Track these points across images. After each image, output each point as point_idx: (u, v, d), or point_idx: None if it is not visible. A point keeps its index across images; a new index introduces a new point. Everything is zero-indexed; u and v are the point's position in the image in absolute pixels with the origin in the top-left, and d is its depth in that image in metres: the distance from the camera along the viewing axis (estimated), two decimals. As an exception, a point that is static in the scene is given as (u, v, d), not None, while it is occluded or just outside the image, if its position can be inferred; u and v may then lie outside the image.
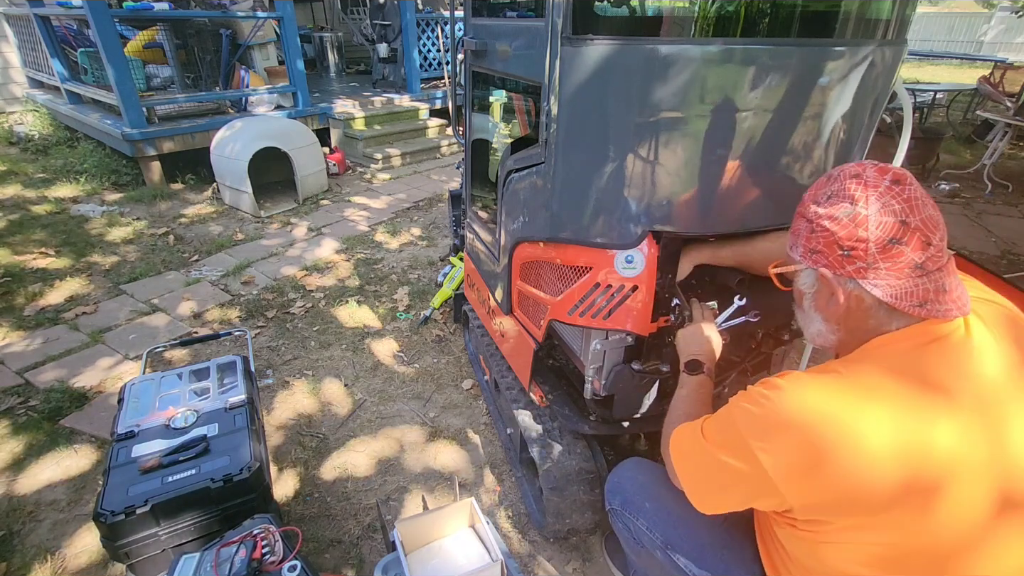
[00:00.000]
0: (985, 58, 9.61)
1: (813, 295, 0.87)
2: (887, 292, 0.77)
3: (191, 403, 1.62)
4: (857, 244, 0.77)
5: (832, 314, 0.85)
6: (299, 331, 2.78)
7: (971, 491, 0.72)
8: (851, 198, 0.77)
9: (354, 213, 4.30)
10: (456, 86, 2.12)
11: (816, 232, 0.81)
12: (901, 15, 1.22)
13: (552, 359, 1.86)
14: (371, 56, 6.99)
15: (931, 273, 0.76)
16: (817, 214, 0.81)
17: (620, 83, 1.10)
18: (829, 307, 0.85)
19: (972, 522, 0.73)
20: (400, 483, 1.93)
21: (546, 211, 1.31)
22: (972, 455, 0.72)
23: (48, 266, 3.33)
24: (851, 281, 0.80)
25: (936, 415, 0.72)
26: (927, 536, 0.73)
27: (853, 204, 0.77)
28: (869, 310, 0.81)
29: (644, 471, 1.25)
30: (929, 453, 0.71)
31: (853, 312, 0.82)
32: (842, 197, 0.78)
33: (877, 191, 0.76)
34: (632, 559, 1.33)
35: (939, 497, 0.71)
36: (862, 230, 0.76)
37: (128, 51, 4.64)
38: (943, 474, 0.71)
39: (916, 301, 0.77)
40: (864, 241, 0.76)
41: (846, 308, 0.82)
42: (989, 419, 0.73)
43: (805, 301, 0.90)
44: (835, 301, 0.82)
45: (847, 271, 0.79)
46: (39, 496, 1.85)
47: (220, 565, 1.12)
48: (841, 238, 0.78)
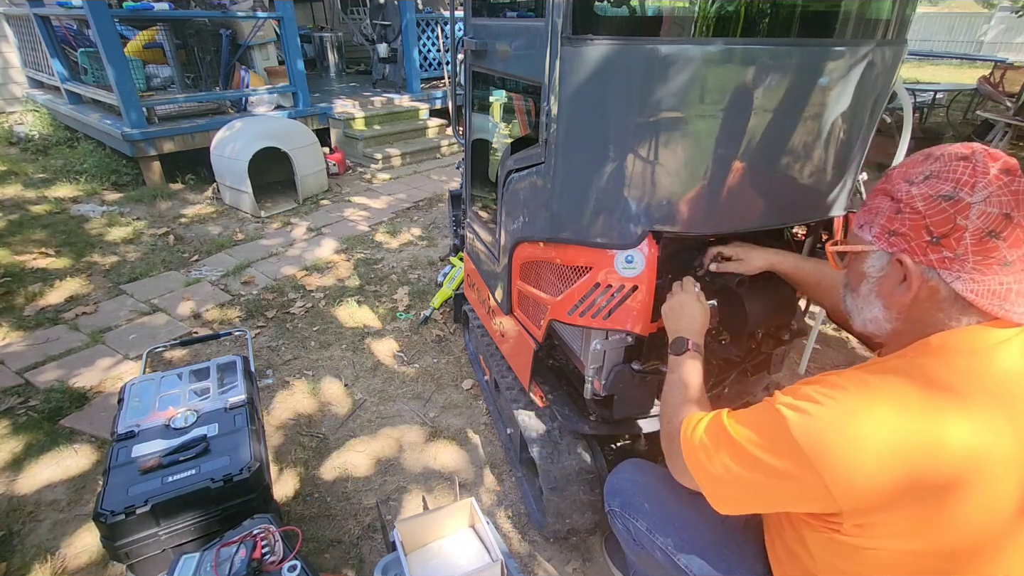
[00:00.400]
0: (985, 58, 9.61)
1: (878, 280, 0.80)
2: (968, 287, 0.71)
3: (191, 403, 1.62)
4: (951, 232, 0.70)
5: (896, 302, 0.79)
6: (299, 331, 2.78)
7: (997, 489, 0.70)
8: (956, 181, 0.70)
9: (354, 213, 4.30)
10: (456, 86, 2.12)
11: (903, 213, 0.74)
12: (901, 15, 1.22)
13: (552, 359, 1.86)
14: (371, 56, 6.99)
15: (1016, 272, 0.70)
16: (910, 194, 0.74)
17: (620, 83, 1.10)
18: (895, 295, 0.78)
19: (999, 523, 0.71)
20: (400, 483, 1.93)
21: (546, 211, 1.31)
22: (1006, 452, 0.69)
23: (48, 266, 3.33)
24: (931, 271, 0.73)
25: (1002, 419, 0.70)
26: (964, 536, 0.71)
27: (957, 188, 0.70)
28: (942, 303, 0.75)
29: (644, 472, 1.25)
30: (974, 453, 0.69)
31: (921, 303, 0.76)
32: (944, 179, 0.71)
33: (986, 178, 0.69)
34: (632, 560, 1.32)
35: (977, 495, 0.69)
36: (961, 218, 0.69)
37: (128, 51, 4.64)
38: (983, 473, 0.69)
39: (996, 300, 0.71)
40: (961, 230, 0.70)
41: (915, 298, 0.76)
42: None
43: (865, 285, 0.83)
44: (904, 289, 0.76)
45: (930, 259, 0.73)
46: (39, 496, 1.85)
47: (220, 565, 1.12)
48: (934, 223, 0.71)
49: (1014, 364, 0.72)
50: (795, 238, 1.60)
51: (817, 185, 1.30)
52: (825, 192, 1.32)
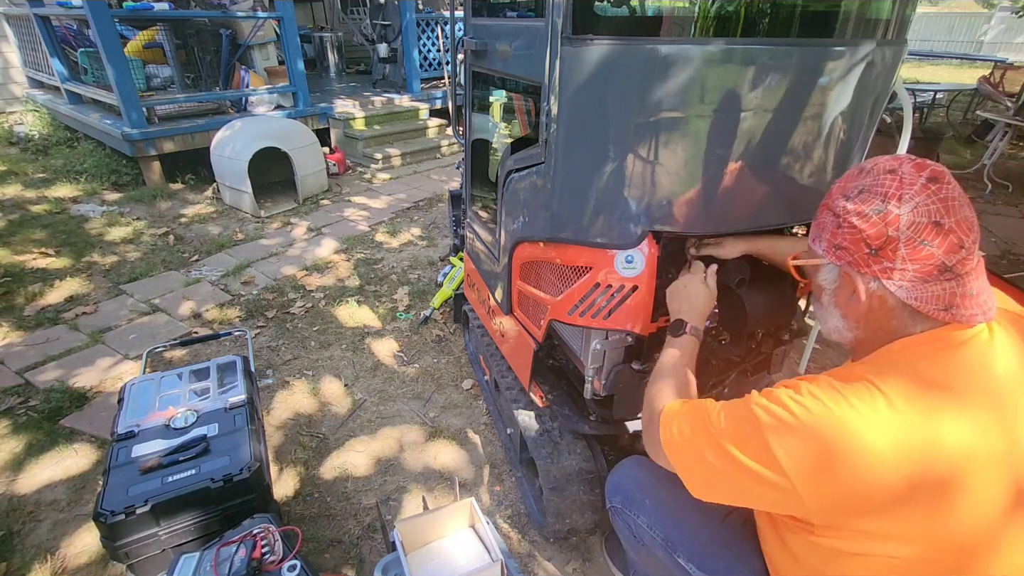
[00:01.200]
0: (985, 58, 9.62)
1: (834, 291, 0.84)
2: (911, 294, 0.74)
3: (191, 403, 1.62)
4: (885, 244, 0.73)
5: (852, 312, 0.82)
6: (299, 331, 2.78)
7: (987, 489, 0.71)
8: (884, 195, 0.73)
9: (354, 213, 4.30)
10: (456, 86, 2.12)
11: (843, 228, 0.78)
12: (901, 15, 1.22)
13: (552, 359, 1.86)
14: (371, 56, 6.99)
15: (959, 276, 0.73)
16: (846, 209, 0.77)
17: (620, 83, 1.10)
18: (849, 305, 0.82)
19: (990, 522, 0.72)
20: (400, 483, 1.93)
21: (546, 211, 1.31)
22: (988, 451, 0.70)
23: (48, 266, 3.33)
24: (875, 280, 0.77)
25: (955, 415, 0.71)
26: (945, 537, 0.72)
27: (885, 201, 0.73)
28: (892, 311, 0.78)
29: (645, 469, 1.25)
30: (943, 451, 0.69)
31: (875, 312, 0.80)
32: (874, 193, 0.74)
33: (912, 189, 0.72)
34: (633, 558, 1.33)
35: (956, 495, 0.70)
36: (892, 229, 0.72)
37: (128, 51, 4.64)
38: (959, 472, 0.69)
39: (941, 305, 0.74)
40: (894, 241, 0.73)
41: (868, 307, 0.79)
42: (1006, 416, 0.72)
43: (824, 296, 0.87)
44: (856, 299, 0.80)
45: (872, 270, 0.76)
46: (39, 496, 1.85)
47: (220, 565, 1.12)
48: (869, 236, 0.74)
49: (979, 363, 0.74)
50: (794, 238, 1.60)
51: (817, 185, 1.30)
52: (825, 192, 1.32)
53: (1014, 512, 0.72)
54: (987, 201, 4.62)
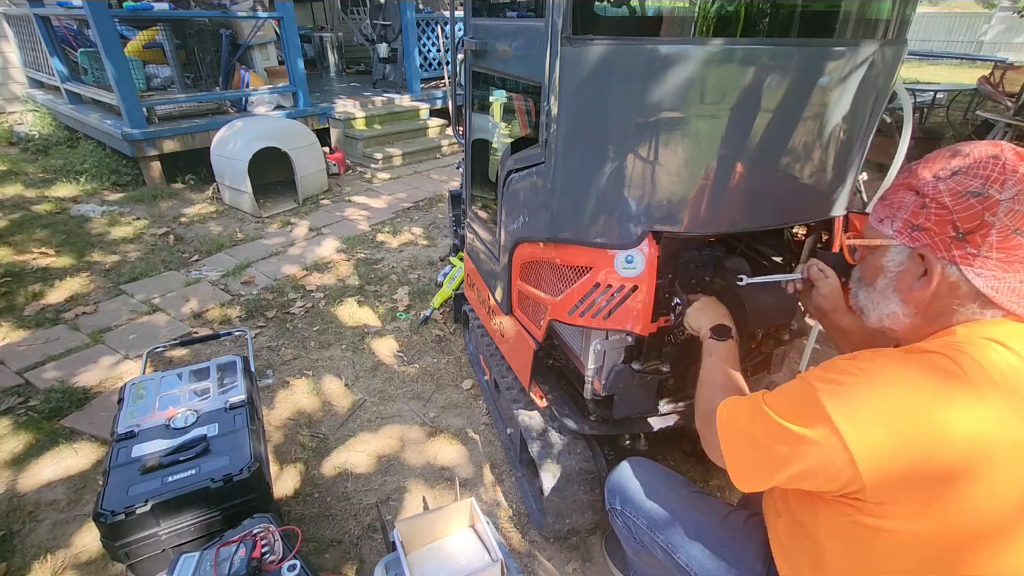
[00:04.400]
0: (985, 58, 9.60)
1: (897, 274, 0.80)
2: (989, 284, 0.72)
3: (191, 403, 1.62)
4: (977, 228, 0.70)
5: (915, 297, 0.79)
6: (299, 331, 2.78)
7: (1008, 477, 0.69)
8: (985, 178, 0.71)
9: (354, 213, 4.30)
10: (456, 86, 2.12)
11: (928, 208, 0.74)
12: (901, 15, 1.22)
13: (552, 359, 1.86)
14: (371, 56, 6.99)
15: None
16: (937, 189, 0.73)
17: (620, 83, 1.10)
18: (913, 290, 0.78)
19: (1008, 511, 0.71)
20: (400, 483, 1.93)
21: (546, 211, 1.31)
22: (1009, 440, 0.69)
23: (48, 266, 3.33)
24: (952, 266, 0.73)
25: (1012, 408, 0.69)
26: (971, 521, 0.70)
27: (986, 184, 0.70)
28: (962, 299, 0.75)
29: (645, 470, 1.25)
30: (996, 438, 0.68)
31: (941, 298, 0.76)
32: (973, 175, 0.71)
33: (1016, 176, 0.70)
34: (632, 558, 1.33)
35: (999, 482, 0.68)
36: (989, 215, 0.70)
37: (128, 51, 4.63)
38: (982, 457, 0.68)
39: (1016, 298, 0.72)
40: (988, 227, 0.70)
41: (934, 293, 0.76)
42: None
43: (882, 280, 0.83)
44: (924, 284, 0.76)
45: (953, 255, 0.73)
46: (39, 496, 1.85)
47: (220, 564, 1.12)
48: (961, 219, 0.71)
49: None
50: (795, 238, 1.60)
51: (817, 185, 1.30)
52: (825, 192, 1.32)
53: None
54: None
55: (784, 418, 0.78)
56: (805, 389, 0.77)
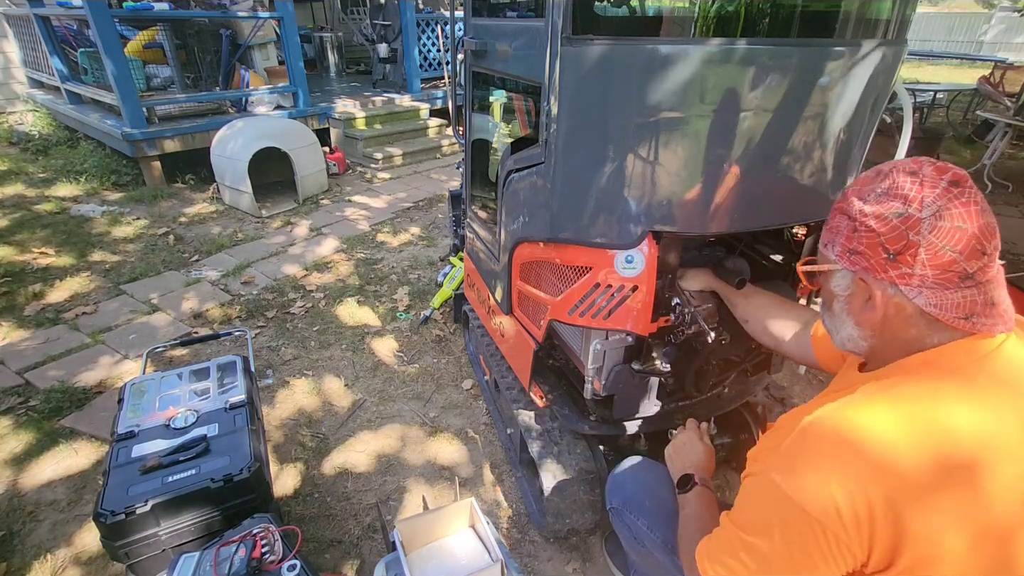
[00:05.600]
0: (985, 58, 9.60)
1: (847, 298, 0.81)
2: (931, 301, 0.71)
3: (191, 403, 1.62)
4: (905, 248, 0.70)
5: (866, 320, 0.79)
6: (299, 331, 2.78)
7: (1009, 477, 0.68)
8: (904, 198, 0.71)
9: (354, 213, 4.30)
10: (456, 86, 2.12)
11: (859, 232, 0.74)
12: (901, 15, 1.22)
13: (552, 359, 1.86)
14: (371, 56, 6.99)
15: (980, 284, 0.70)
16: (863, 212, 0.74)
17: (620, 83, 1.10)
18: (864, 313, 0.78)
19: (1018, 510, 0.69)
20: (400, 483, 1.93)
21: (546, 211, 1.31)
22: (1005, 441, 0.68)
23: (48, 266, 3.33)
24: (892, 287, 0.73)
25: (968, 404, 0.69)
26: (985, 522, 0.68)
27: (906, 204, 0.70)
28: (909, 319, 0.75)
29: (645, 470, 1.25)
30: (959, 437, 0.67)
31: (891, 320, 0.76)
32: (894, 196, 0.72)
33: (935, 192, 0.70)
34: (632, 558, 1.33)
35: (983, 479, 0.67)
36: (913, 234, 0.70)
37: (128, 51, 4.64)
38: (979, 458, 0.67)
39: (962, 313, 0.71)
40: (914, 245, 0.70)
41: (883, 315, 0.76)
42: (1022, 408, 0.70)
43: (836, 304, 0.83)
44: (871, 307, 0.77)
45: (889, 276, 0.73)
46: (39, 496, 1.85)
47: (219, 564, 1.12)
48: (888, 240, 0.71)
49: (1001, 367, 0.72)
50: (795, 238, 1.60)
51: (817, 185, 1.30)
52: (825, 192, 1.32)
53: None
54: (987, 201, 4.62)
55: (766, 536, 0.74)
56: (768, 489, 0.74)
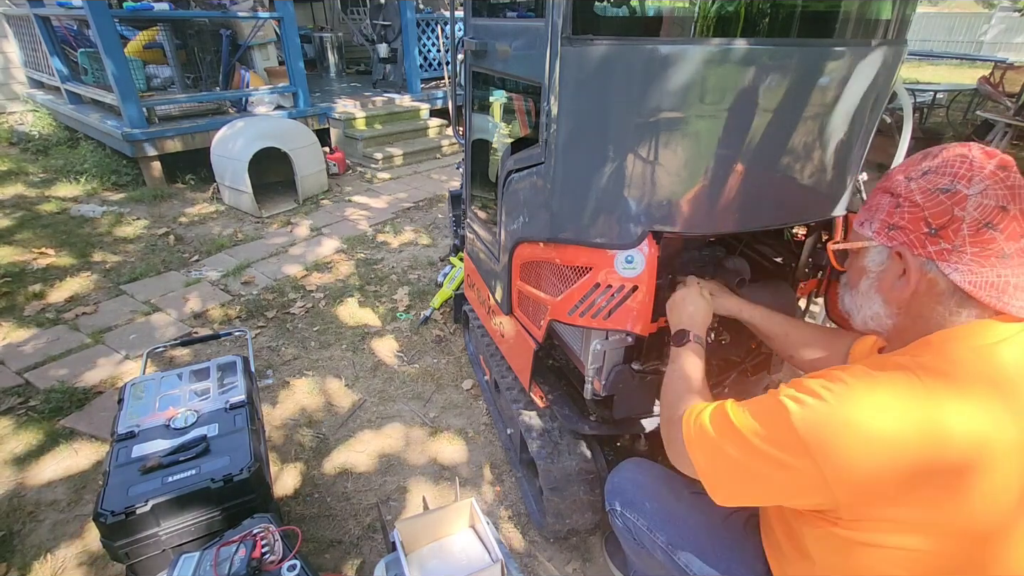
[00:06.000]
0: (985, 58, 9.60)
1: (878, 275, 0.83)
2: (966, 278, 0.73)
3: (191, 403, 1.62)
4: (948, 224, 0.73)
5: (896, 297, 0.81)
6: (299, 331, 2.78)
7: (1000, 480, 0.70)
8: (953, 175, 0.73)
9: (354, 213, 4.30)
10: (456, 86, 2.12)
11: (902, 207, 0.77)
12: (901, 15, 1.22)
13: (552, 359, 1.86)
14: (371, 56, 6.99)
15: (1015, 266, 0.72)
16: (909, 188, 0.77)
17: (620, 83, 1.10)
18: (895, 289, 0.80)
19: (1004, 512, 0.71)
20: (400, 483, 1.93)
21: (546, 211, 1.31)
22: (1001, 442, 0.69)
23: (49, 266, 3.33)
24: (929, 263, 0.75)
25: (970, 404, 0.70)
26: (959, 525, 0.71)
27: (954, 181, 0.73)
28: (941, 296, 0.76)
29: (644, 471, 1.25)
30: (954, 438, 0.69)
31: (921, 296, 0.78)
32: (942, 174, 0.74)
33: (983, 172, 0.72)
34: (632, 559, 1.33)
35: (968, 483, 0.69)
36: (958, 210, 0.72)
37: (128, 51, 4.63)
38: (971, 460, 0.69)
39: (994, 292, 0.73)
40: (957, 221, 0.72)
41: (914, 291, 0.78)
42: (1021, 409, 0.71)
43: (864, 281, 0.85)
44: (904, 283, 0.78)
45: (928, 251, 0.75)
46: (39, 496, 1.85)
47: (219, 564, 1.12)
48: (932, 215, 0.74)
49: (1017, 359, 0.73)
50: (795, 238, 1.60)
51: (817, 185, 1.30)
52: (825, 192, 1.32)
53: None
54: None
55: (755, 437, 0.79)
56: (777, 408, 0.78)
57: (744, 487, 0.84)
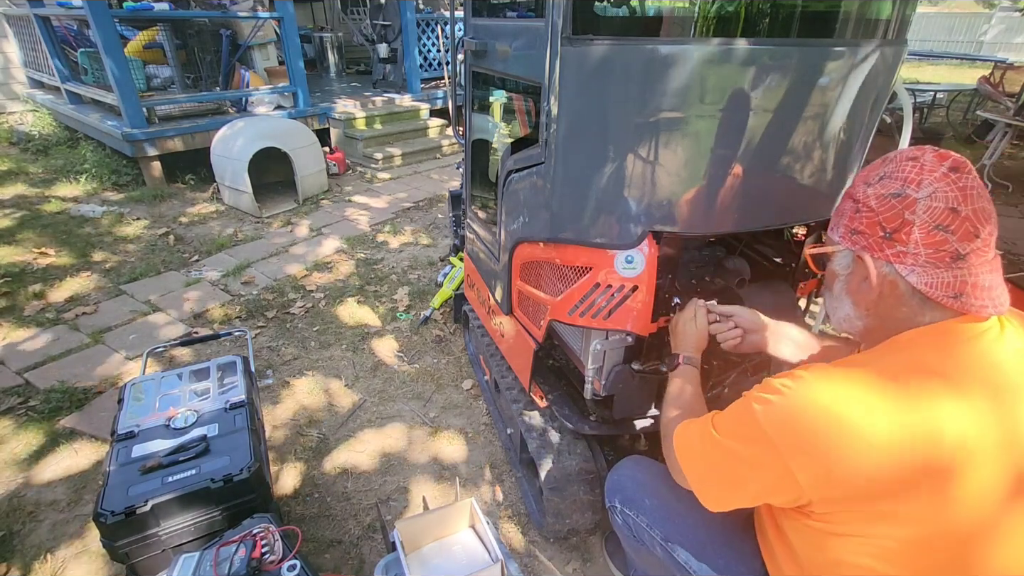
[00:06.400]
0: (985, 58, 9.60)
1: (846, 277, 0.86)
2: (922, 280, 0.75)
3: (191, 403, 1.62)
4: (900, 227, 0.75)
5: (862, 298, 0.83)
6: (299, 331, 2.78)
7: (984, 479, 0.71)
8: (904, 179, 0.76)
9: (354, 213, 4.30)
10: (456, 86, 2.12)
11: (861, 212, 0.80)
12: (901, 15, 1.22)
13: (552, 359, 1.86)
14: (371, 56, 6.99)
15: (973, 266, 0.74)
16: (865, 193, 0.79)
17: (620, 83, 1.10)
18: (861, 291, 0.83)
19: (988, 511, 0.72)
20: (400, 483, 1.93)
21: (546, 211, 1.31)
22: (985, 441, 0.70)
23: (49, 266, 3.33)
24: (887, 265, 0.78)
25: (952, 403, 0.71)
26: (942, 525, 0.72)
27: (904, 185, 0.75)
28: (902, 297, 0.79)
29: (644, 469, 1.25)
30: (938, 437, 0.69)
31: (885, 298, 0.80)
32: (894, 178, 0.77)
33: (933, 175, 0.74)
34: (632, 557, 1.33)
35: (953, 482, 0.70)
36: (908, 213, 0.74)
37: (128, 51, 4.63)
38: (956, 460, 0.69)
39: (951, 292, 0.75)
40: (908, 224, 0.74)
41: (879, 293, 0.81)
42: (1005, 408, 0.72)
43: (837, 284, 0.88)
44: (868, 285, 0.81)
45: (885, 254, 0.77)
46: (39, 496, 1.85)
47: (219, 564, 1.12)
48: (885, 219, 0.76)
49: (984, 357, 0.75)
50: (795, 238, 1.60)
51: (817, 185, 1.30)
52: (825, 192, 1.32)
53: (1013, 503, 0.72)
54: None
55: (731, 440, 0.84)
56: (746, 410, 0.82)
57: (728, 490, 0.88)
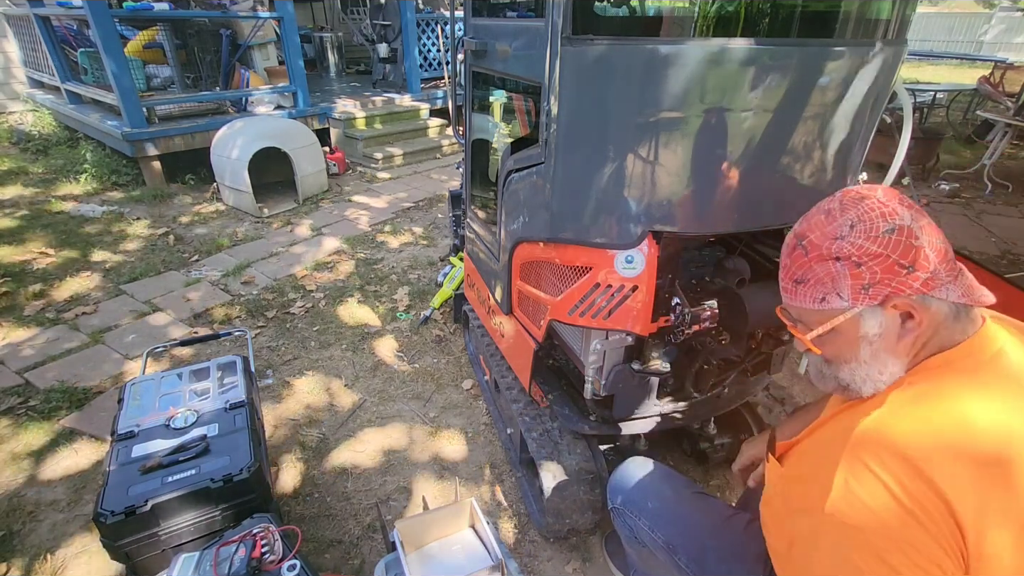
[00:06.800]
0: (985, 58, 9.60)
1: (882, 336, 0.75)
2: (955, 292, 0.73)
3: (191, 403, 1.62)
4: (916, 256, 0.71)
5: (905, 346, 0.76)
6: (299, 331, 2.78)
7: None
8: (881, 215, 0.73)
9: (354, 213, 4.30)
10: (456, 86, 2.12)
11: (862, 265, 0.73)
12: (901, 15, 1.22)
13: (552, 359, 1.86)
14: (371, 56, 6.99)
15: (960, 268, 0.75)
16: (856, 244, 0.73)
17: (620, 83, 1.10)
18: (903, 339, 0.75)
19: None
20: (400, 483, 1.93)
21: (546, 211, 1.31)
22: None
23: (49, 266, 3.33)
24: (922, 297, 0.72)
25: (994, 403, 0.69)
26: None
27: (888, 219, 0.72)
28: (943, 321, 0.74)
29: (647, 470, 1.25)
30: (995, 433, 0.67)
31: (925, 331, 0.75)
32: (871, 220, 0.73)
33: (894, 203, 0.73)
34: (633, 558, 1.33)
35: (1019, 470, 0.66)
36: (913, 239, 0.71)
37: (128, 51, 4.63)
38: (1013, 450, 0.67)
39: (970, 291, 0.74)
40: (919, 250, 0.71)
41: (922, 330, 0.74)
42: None
43: (867, 350, 0.77)
44: (913, 327, 0.74)
45: (916, 288, 0.72)
46: (39, 496, 1.85)
47: (219, 564, 1.12)
48: (900, 255, 0.71)
49: (1011, 370, 0.73)
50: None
51: (817, 185, 1.30)
52: (825, 192, 1.31)
53: None
54: (987, 201, 4.62)
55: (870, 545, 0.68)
56: (830, 525, 0.70)
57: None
